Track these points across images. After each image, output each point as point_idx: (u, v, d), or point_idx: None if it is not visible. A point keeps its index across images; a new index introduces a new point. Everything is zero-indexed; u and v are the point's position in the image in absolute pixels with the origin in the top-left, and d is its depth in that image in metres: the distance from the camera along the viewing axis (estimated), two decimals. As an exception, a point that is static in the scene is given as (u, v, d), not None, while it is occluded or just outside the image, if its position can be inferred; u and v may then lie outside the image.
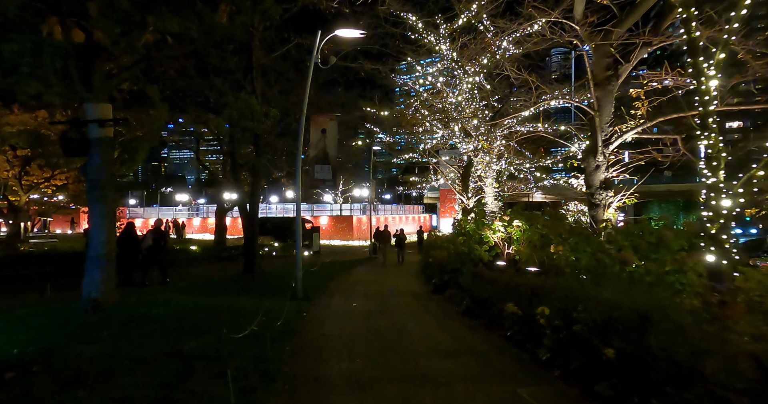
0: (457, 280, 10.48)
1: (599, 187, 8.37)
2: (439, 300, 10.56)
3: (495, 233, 10.09)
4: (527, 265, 9.15)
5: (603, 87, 8.05)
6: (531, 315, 6.04)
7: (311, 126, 10.94)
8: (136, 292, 10.68)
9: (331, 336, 6.83)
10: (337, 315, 8.60)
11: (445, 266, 11.77)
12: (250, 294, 10.59)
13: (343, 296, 11.14)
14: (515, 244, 9.88)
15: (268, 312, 8.33)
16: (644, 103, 8.62)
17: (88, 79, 6.79)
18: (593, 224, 8.46)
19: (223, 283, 12.06)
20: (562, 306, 5.11)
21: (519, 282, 6.75)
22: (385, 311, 9.10)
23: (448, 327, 7.51)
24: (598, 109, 7.93)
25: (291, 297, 10.07)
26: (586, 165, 8.49)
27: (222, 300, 9.39)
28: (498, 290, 7.44)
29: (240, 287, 11.43)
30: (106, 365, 4.73)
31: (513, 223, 9.90)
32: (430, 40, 13.40)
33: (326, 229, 39.41)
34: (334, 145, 11.03)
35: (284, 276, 12.86)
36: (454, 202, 45.50)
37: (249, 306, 8.87)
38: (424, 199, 61.80)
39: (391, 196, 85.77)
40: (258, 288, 11.38)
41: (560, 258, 7.99)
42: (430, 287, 12.46)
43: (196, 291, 10.87)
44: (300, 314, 8.56)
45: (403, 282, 14.16)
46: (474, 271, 9.23)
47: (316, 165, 10.93)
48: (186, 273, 14.81)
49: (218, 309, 8.19)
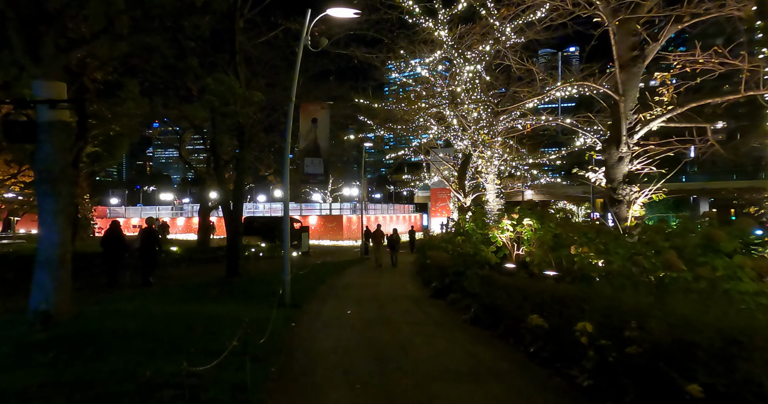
0: (461, 284, 9.58)
1: (622, 181, 7.52)
2: (441, 306, 9.65)
3: (503, 233, 9.21)
4: (541, 268, 8.28)
5: (628, 69, 7.21)
6: (560, 329, 5.16)
7: (301, 115, 9.94)
8: (105, 299, 9.60)
9: (324, 353, 5.86)
10: (331, 326, 7.63)
11: (446, 268, 10.88)
12: (232, 301, 9.56)
13: (336, 302, 10.17)
14: (526, 245, 9.01)
15: (251, 323, 7.30)
16: (669, 89, 7.80)
17: (36, 51, 5.72)
18: (615, 223, 7.61)
19: (203, 288, 11.00)
20: (606, 321, 4.22)
21: (541, 289, 5.85)
22: (384, 319, 8.15)
23: (457, 339, 6.58)
24: (623, 94, 7.08)
25: (278, 305, 9.08)
26: (608, 156, 7.64)
27: (200, 309, 8.35)
28: (514, 298, 6.55)
29: (222, 292, 10.39)
30: (37, 401, 3.71)
31: (523, 222, 9.02)
32: (428, 26, 12.48)
33: (315, 229, 38.36)
34: (326, 137, 10.05)
35: (271, 279, 11.84)
36: (446, 202, 44.76)
37: (230, 315, 7.85)
38: (415, 199, 61.04)
39: (382, 196, 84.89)
40: (242, 294, 10.35)
41: (582, 260, 7.13)
42: (429, 291, 11.55)
43: (172, 297, 9.81)
44: (288, 325, 7.57)
45: (398, 285, 13.23)
46: (482, 275, 8.32)
47: (306, 158, 9.93)
48: (164, 276, 13.70)
49: (194, 319, 7.16)
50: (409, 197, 67.00)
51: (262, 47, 15.68)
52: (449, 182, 21.03)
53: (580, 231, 6.83)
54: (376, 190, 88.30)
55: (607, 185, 7.71)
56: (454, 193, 20.16)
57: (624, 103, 7.14)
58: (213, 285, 11.46)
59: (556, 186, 24.08)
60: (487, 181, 13.55)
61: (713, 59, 6.88)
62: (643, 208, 7.45)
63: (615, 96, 7.17)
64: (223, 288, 10.92)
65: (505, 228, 9.19)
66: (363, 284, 13.28)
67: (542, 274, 8.06)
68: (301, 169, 10.00)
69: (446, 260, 11.60)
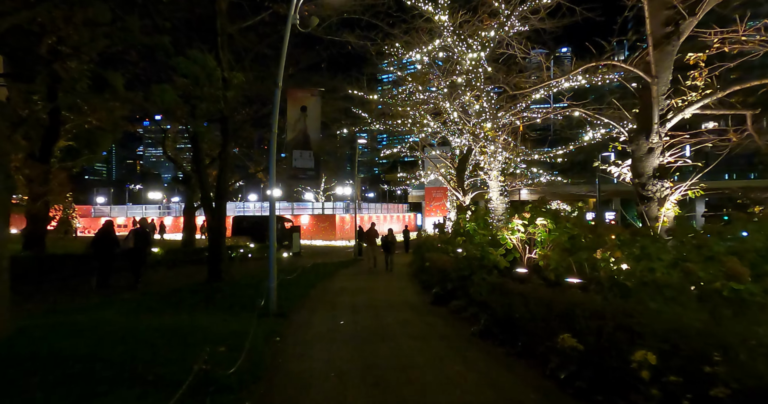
0: (466, 290, 8.65)
1: (652, 175, 6.63)
2: (443, 314, 8.71)
3: (513, 234, 8.28)
4: (558, 274, 7.37)
5: (661, 47, 6.32)
6: (600, 352, 4.24)
7: (288, 103, 8.95)
8: (69, 309, 8.55)
9: (313, 379, 4.89)
10: (321, 340, 6.66)
11: (448, 272, 9.95)
12: (211, 310, 8.56)
13: (327, 310, 9.20)
14: (539, 248, 8.09)
15: (229, 338, 6.35)
16: (703, 72, 6.91)
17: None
18: (644, 222, 6.72)
19: (180, 294, 9.96)
20: (672, 349, 3.30)
21: (572, 301, 4.92)
22: (382, 332, 7.19)
23: (468, 359, 5.64)
24: (655, 75, 6.19)
25: (262, 314, 8.09)
26: (635, 148, 6.75)
27: (171, 320, 7.33)
28: (535, 310, 5.62)
29: (200, 300, 9.37)
30: None
31: (536, 222, 8.10)
32: (428, 10, 11.53)
33: (307, 229, 37.31)
34: (317, 127, 9.06)
35: (257, 284, 10.84)
36: (440, 201, 43.93)
37: (205, 328, 6.85)
38: (409, 198, 60.18)
39: (375, 195, 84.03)
40: (223, 301, 9.34)
41: (607, 266, 6.23)
42: (428, 297, 10.62)
43: (143, 305, 8.77)
44: (272, 339, 6.59)
45: (395, 289, 12.27)
46: (493, 282, 7.39)
47: (294, 151, 8.94)
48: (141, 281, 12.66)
49: (161, 335, 6.15)
50: (403, 196, 66.25)
51: (251, 36, 14.64)
52: (447, 180, 20.11)
53: (611, 232, 5.92)
54: (370, 189, 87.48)
55: (635, 180, 6.81)
56: (452, 191, 19.26)
57: (657, 86, 6.25)
58: (192, 291, 10.42)
59: (557, 185, 23.23)
60: (491, 178, 12.62)
61: (761, 36, 6.00)
62: (677, 206, 6.57)
63: (646, 78, 6.28)
64: (202, 294, 9.90)
65: (515, 229, 8.26)
66: (357, 288, 12.32)
67: (560, 281, 7.14)
68: (289, 163, 9.00)
69: (448, 263, 10.67)
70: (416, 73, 16.43)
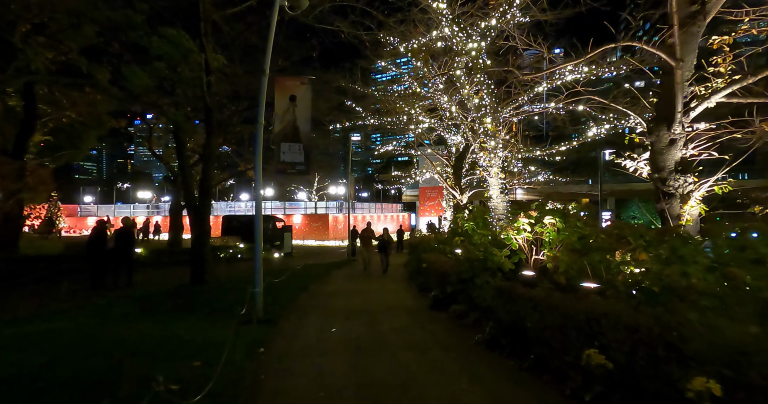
0: (468, 294, 8.02)
1: (674, 169, 6.04)
2: (443, 320, 8.09)
3: (520, 234, 7.65)
4: (569, 278, 6.76)
5: (685, 28, 5.74)
6: (633, 371, 3.62)
7: (276, 92, 8.27)
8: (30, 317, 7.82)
9: (299, 401, 4.23)
10: (310, 352, 6.00)
11: (447, 275, 9.31)
12: (190, 316, 7.86)
13: (319, 315, 8.53)
14: (547, 248, 7.47)
15: (206, 349, 5.67)
16: (727, 58, 6.34)
17: None
18: (663, 221, 6.13)
19: (159, 298, 9.25)
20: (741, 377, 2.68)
21: (595, 310, 4.29)
22: (377, 341, 6.55)
23: (476, 374, 5.01)
24: (680, 58, 5.60)
25: (247, 321, 7.41)
26: (655, 139, 6.15)
27: (144, 329, 6.64)
28: (548, 318, 5.00)
29: (180, 304, 8.66)
30: None
31: (544, 221, 7.48)
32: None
33: (300, 229, 36.57)
34: (307, 118, 8.39)
35: (244, 286, 10.04)
36: (435, 200, 43.39)
37: (180, 338, 6.17)
38: (403, 198, 59.62)
39: (369, 194, 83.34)
40: (205, 305, 8.64)
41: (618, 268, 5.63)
42: (426, 300, 9.98)
43: (116, 311, 8.06)
44: (255, 351, 5.91)
45: (391, 292, 11.63)
46: (498, 286, 6.76)
47: (282, 143, 8.26)
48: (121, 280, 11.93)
49: (129, 347, 5.46)
50: (397, 196, 65.72)
51: (238, 26, 13.93)
52: (444, 178, 19.48)
53: (636, 232, 5.30)
54: (364, 189, 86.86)
55: (654, 175, 6.21)
56: (450, 189, 18.64)
57: (681, 71, 5.66)
58: (171, 294, 9.70)
59: (557, 184, 22.70)
60: (491, 175, 12.00)
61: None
62: (702, 204, 5.98)
63: (670, 61, 5.69)
64: (182, 299, 9.19)
65: (521, 228, 7.63)
66: (350, 291, 11.65)
67: (572, 285, 6.53)
68: (276, 157, 8.32)
69: (447, 265, 10.04)
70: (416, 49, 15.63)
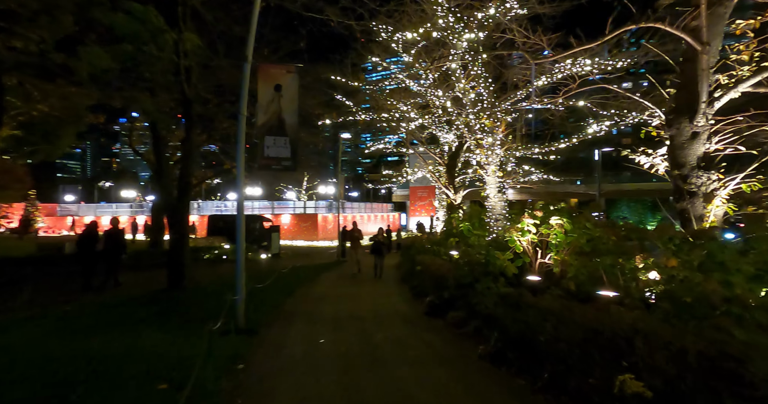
0: (468, 300, 7.42)
1: (697, 165, 5.52)
2: (441, 329, 7.49)
3: (524, 235, 7.08)
4: (579, 284, 6.20)
5: (712, 9, 5.22)
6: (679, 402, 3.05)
7: (259, 80, 7.60)
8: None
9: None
10: (295, 368, 5.35)
11: (444, 279, 8.71)
12: (164, 325, 7.15)
13: (306, 323, 7.88)
14: (554, 251, 6.92)
15: (176, 367, 4.99)
16: (750, 44, 5.83)
17: None
18: (683, 223, 5.59)
19: (131, 305, 8.50)
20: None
21: (621, 325, 3.72)
22: (370, 355, 5.92)
23: (484, 396, 4.41)
24: (707, 41, 5.07)
25: (225, 331, 6.72)
26: (676, 132, 5.62)
27: (108, 341, 5.93)
28: (567, 333, 4.42)
29: (153, 312, 7.94)
30: None
31: (550, 221, 6.93)
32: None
33: (288, 229, 35.76)
34: (294, 110, 7.73)
35: (226, 291, 9.43)
36: (426, 200, 42.82)
37: (149, 352, 5.48)
38: (393, 197, 59.06)
39: (359, 194, 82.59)
40: (182, 313, 7.94)
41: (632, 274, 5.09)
42: (421, 306, 9.39)
43: (82, 320, 7.31)
44: (232, 368, 5.25)
45: (383, 296, 10.99)
46: (503, 293, 6.18)
47: (267, 137, 7.58)
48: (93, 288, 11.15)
49: (86, 364, 4.77)
50: (388, 196, 65.13)
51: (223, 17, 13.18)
52: (437, 177, 18.90)
53: (663, 235, 4.75)
54: (354, 188, 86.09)
55: (674, 172, 5.68)
56: (444, 188, 18.06)
57: (707, 56, 5.13)
58: (146, 301, 8.96)
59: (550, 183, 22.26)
60: (488, 173, 11.43)
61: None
62: (728, 203, 5.46)
63: (695, 45, 5.16)
64: (157, 305, 8.45)
65: (526, 230, 7.06)
66: (340, 295, 11.01)
67: (585, 293, 5.98)
68: (260, 152, 7.64)
69: (443, 268, 9.45)
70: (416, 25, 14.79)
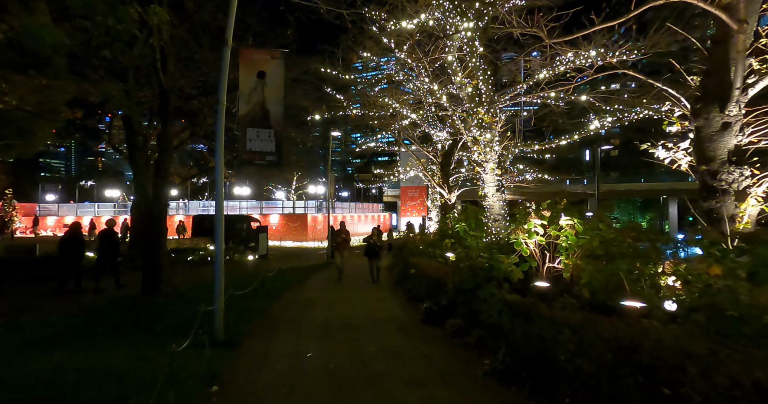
0: (469, 307, 6.78)
1: (727, 159, 4.97)
2: (439, 338, 6.87)
3: (531, 237, 6.48)
4: (591, 291, 5.61)
5: (748, -16, 4.69)
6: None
7: (241, 67, 6.90)
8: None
9: None
10: (280, 389, 4.68)
11: (442, 283, 8.07)
12: (134, 337, 6.42)
13: (292, 332, 7.20)
14: (564, 255, 6.32)
15: (137, 392, 4.30)
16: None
17: None
18: (712, 223, 5.03)
19: (98, 314, 7.73)
20: None
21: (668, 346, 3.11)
22: (364, 371, 5.26)
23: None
24: (744, 18, 4.52)
25: (200, 343, 6.02)
26: (703, 123, 5.06)
27: (65, 358, 5.19)
28: (592, 353, 3.81)
29: (122, 322, 7.18)
30: None
31: (560, 222, 6.33)
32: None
33: (277, 229, 34.93)
34: (279, 99, 7.04)
35: (206, 297, 8.71)
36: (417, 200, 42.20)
37: (108, 373, 4.76)
38: (384, 198, 58.47)
39: (349, 194, 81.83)
40: (153, 323, 7.19)
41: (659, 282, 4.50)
42: (416, 312, 8.77)
43: (37, 333, 6.54)
44: (204, 390, 4.55)
45: (375, 300, 10.35)
46: (511, 301, 5.55)
47: (249, 129, 6.89)
48: (61, 294, 10.35)
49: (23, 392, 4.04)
50: (378, 196, 64.53)
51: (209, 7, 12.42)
52: (431, 176, 18.28)
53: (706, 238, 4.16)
54: (344, 188, 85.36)
55: (701, 167, 5.11)
56: (438, 187, 17.45)
57: (743, 36, 4.58)
58: (114, 309, 8.19)
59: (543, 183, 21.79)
60: (486, 171, 10.82)
61: None
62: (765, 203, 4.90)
63: (731, 23, 4.60)
64: (126, 314, 7.69)
65: (533, 231, 6.46)
66: (330, 300, 10.33)
67: (597, 300, 5.39)
68: (241, 145, 6.94)
69: (440, 272, 8.82)
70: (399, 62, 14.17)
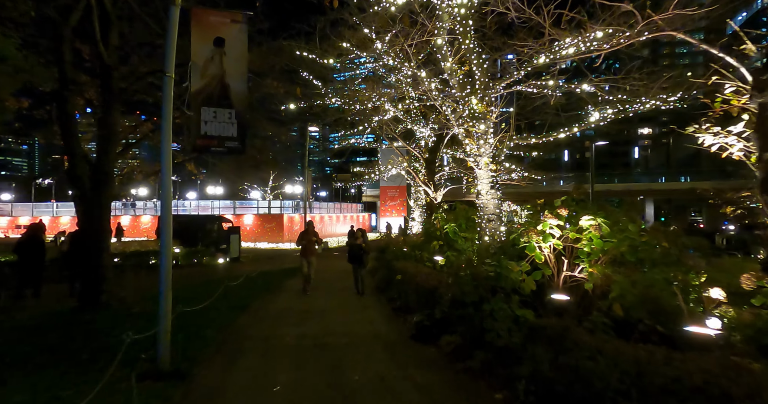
0: (471, 323, 5.64)
1: (800, 146, 4.01)
2: (435, 361, 5.74)
3: (546, 240, 5.41)
4: (624, 305, 4.58)
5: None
6: None
7: (193, 31, 5.61)
8: None
9: None
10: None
11: (437, 294, 6.92)
12: (55, 366, 5.07)
13: (258, 356, 5.96)
14: (586, 262, 5.27)
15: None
16: None
17: None
18: None
19: (19, 333, 6.30)
20: None
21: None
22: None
23: None
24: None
25: (142, 374, 4.74)
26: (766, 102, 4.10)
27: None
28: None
29: (44, 345, 5.78)
30: None
31: (581, 222, 5.29)
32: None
33: (251, 230, 33.29)
34: (242, 73, 5.78)
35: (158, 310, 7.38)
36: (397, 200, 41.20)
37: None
38: (363, 197, 57.29)
39: (327, 194, 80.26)
40: (88, 345, 5.83)
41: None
42: (404, 325, 7.64)
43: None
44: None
45: (357, 311, 9.15)
46: (535, 325, 4.46)
47: (204, 108, 5.61)
48: None
49: None
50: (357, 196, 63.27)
51: None
52: (415, 173, 17.18)
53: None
54: (322, 188, 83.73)
55: (765, 155, 4.15)
56: (423, 186, 16.37)
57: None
58: (41, 326, 6.75)
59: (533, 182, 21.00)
60: (480, 167, 9.76)
61: None
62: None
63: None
64: (55, 333, 6.28)
65: (549, 233, 5.40)
66: (305, 311, 9.07)
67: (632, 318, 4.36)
68: (194, 128, 5.65)
69: (431, 279, 7.69)
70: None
